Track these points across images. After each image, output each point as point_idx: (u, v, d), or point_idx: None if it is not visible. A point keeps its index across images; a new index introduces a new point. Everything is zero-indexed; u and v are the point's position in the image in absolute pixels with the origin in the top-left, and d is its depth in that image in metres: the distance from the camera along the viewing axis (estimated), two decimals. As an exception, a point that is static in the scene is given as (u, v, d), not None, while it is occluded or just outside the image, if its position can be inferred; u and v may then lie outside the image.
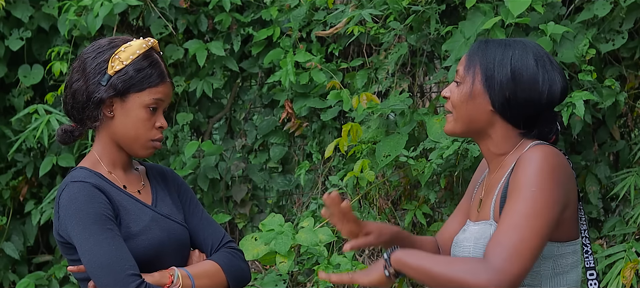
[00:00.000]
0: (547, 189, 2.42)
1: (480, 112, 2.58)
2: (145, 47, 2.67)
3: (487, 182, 2.65)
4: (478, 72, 2.57)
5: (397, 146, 4.24)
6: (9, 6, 5.27)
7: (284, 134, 5.23)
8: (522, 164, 2.45)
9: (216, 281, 2.70)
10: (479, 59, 2.58)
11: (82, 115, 2.67)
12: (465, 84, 2.59)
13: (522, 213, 2.39)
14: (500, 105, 2.55)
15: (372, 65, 4.80)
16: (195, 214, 2.81)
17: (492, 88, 2.55)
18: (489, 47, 2.59)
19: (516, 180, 2.44)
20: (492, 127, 2.59)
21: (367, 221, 2.66)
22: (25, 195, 5.53)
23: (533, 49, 2.57)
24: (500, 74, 2.54)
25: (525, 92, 2.53)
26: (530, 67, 2.54)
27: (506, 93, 2.54)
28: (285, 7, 5.03)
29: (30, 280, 5.34)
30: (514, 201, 2.41)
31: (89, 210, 2.56)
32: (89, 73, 2.65)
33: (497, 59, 2.56)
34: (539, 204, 2.40)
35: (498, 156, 2.61)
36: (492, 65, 2.56)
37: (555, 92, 2.55)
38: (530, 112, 2.56)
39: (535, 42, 2.63)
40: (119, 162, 2.72)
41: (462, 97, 2.59)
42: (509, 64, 2.55)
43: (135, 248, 2.60)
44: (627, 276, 3.86)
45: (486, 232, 2.53)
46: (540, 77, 2.54)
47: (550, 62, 2.56)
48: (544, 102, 2.54)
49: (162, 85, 2.67)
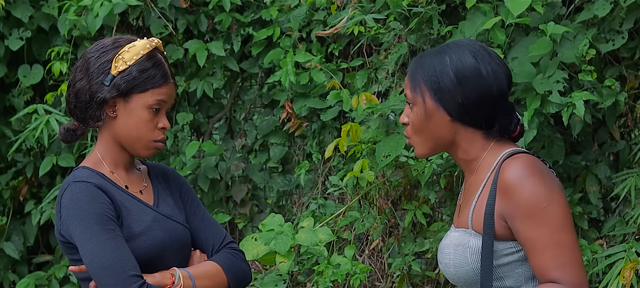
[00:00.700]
0: (554, 195, 2.46)
1: (441, 126, 2.58)
2: (149, 47, 2.66)
3: (465, 187, 2.67)
4: (425, 89, 2.57)
5: (397, 146, 4.24)
6: (9, 6, 5.27)
7: (284, 133, 5.23)
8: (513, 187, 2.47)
9: (217, 282, 2.70)
10: (421, 75, 2.58)
11: (85, 115, 2.67)
12: (417, 105, 2.59)
13: (553, 232, 2.44)
14: (457, 113, 2.55)
15: (372, 65, 4.80)
16: (196, 214, 2.80)
17: (443, 99, 2.55)
18: (425, 61, 2.58)
19: (519, 206, 2.46)
20: (457, 135, 2.59)
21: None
22: (25, 195, 5.53)
23: (468, 46, 2.57)
24: (446, 82, 2.54)
25: (474, 90, 2.53)
26: (471, 64, 2.53)
27: (458, 98, 2.53)
28: (285, 7, 5.03)
29: (30, 280, 5.34)
30: (535, 225, 2.44)
31: (90, 211, 2.55)
32: (92, 73, 2.64)
33: (437, 69, 2.55)
34: (558, 214, 2.45)
35: (470, 162, 2.62)
36: (435, 78, 2.55)
37: (501, 81, 2.55)
38: (486, 109, 2.55)
39: (469, 39, 2.63)
40: (121, 162, 2.72)
41: (419, 119, 2.59)
42: (450, 70, 2.54)
43: (137, 248, 2.60)
44: (627, 276, 3.86)
45: (464, 239, 2.55)
46: (483, 70, 2.53)
47: (488, 54, 2.56)
48: (494, 93, 2.54)
49: (166, 86, 2.67)
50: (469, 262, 2.53)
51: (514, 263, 2.53)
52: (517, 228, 2.47)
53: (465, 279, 2.56)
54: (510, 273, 2.53)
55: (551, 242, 2.43)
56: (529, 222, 2.44)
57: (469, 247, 2.54)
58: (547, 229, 2.43)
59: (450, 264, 2.58)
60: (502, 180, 2.48)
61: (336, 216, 4.63)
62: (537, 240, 2.44)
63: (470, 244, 2.54)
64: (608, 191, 4.38)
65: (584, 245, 4.11)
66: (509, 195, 2.47)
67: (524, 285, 2.54)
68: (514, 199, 2.46)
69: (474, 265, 2.53)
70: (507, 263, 2.53)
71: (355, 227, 4.58)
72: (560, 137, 4.23)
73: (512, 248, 2.52)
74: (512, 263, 2.53)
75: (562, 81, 3.92)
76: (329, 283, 4.29)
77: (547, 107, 3.92)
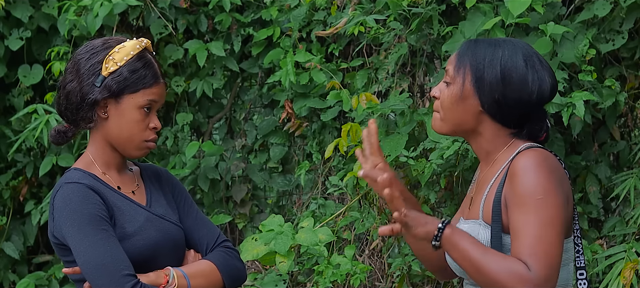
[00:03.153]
0: (552, 192, 2.44)
1: (470, 113, 2.58)
2: (139, 48, 2.67)
3: (478, 179, 2.67)
4: (468, 72, 2.57)
5: (397, 146, 4.23)
6: (8, 6, 5.26)
7: (284, 134, 5.23)
8: (518, 174, 2.46)
9: (212, 280, 2.70)
10: (469, 59, 2.58)
11: (76, 116, 2.67)
12: (455, 85, 2.59)
13: (538, 224, 2.41)
14: (490, 107, 2.55)
15: (372, 65, 4.79)
16: (189, 214, 2.81)
17: (481, 89, 2.55)
18: (478, 47, 2.58)
19: (516, 192, 2.45)
20: (482, 125, 2.60)
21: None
22: (25, 195, 5.53)
23: (522, 48, 2.57)
24: (490, 75, 2.54)
25: (515, 93, 2.53)
26: (520, 68, 2.53)
27: (495, 95, 2.54)
28: (285, 7, 5.02)
29: (30, 280, 5.34)
30: (525, 213, 2.43)
31: (83, 211, 2.55)
32: (82, 74, 2.64)
33: (487, 59, 2.55)
34: (550, 210, 2.42)
35: (489, 153, 2.62)
36: (482, 66, 2.55)
37: (544, 91, 2.55)
38: (520, 112, 2.56)
39: (525, 42, 2.64)
40: (113, 163, 2.72)
41: (452, 99, 2.59)
42: (498, 65, 2.54)
43: (131, 248, 2.60)
44: (627, 276, 3.86)
45: (474, 231, 2.55)
46: (530, 77, 2.53)
47: (539, 61, 2.56)
48: (533, 101, 2.54)
49: (156, 86, 2.67)
50: None
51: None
52: (510, 214, 2.47)
53: None
54: None
55: (534, 233, 2.40)
56: (521, 208, 2.43)
57: (479, 238, 2.53)
58: (533, 219, 2.41)
59: None
60: (512, 167, 2.49)
61: (336, 216, 4.63)
62: (522, 228, 2.42)
63: (480, 235, 2.54)
64: (608, 191, 4.38)
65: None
66: (512, 181, 2.47)
67: None
68: (515, 184, 2.46)
69: None
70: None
71: (355, 227, 4.57)
72: (560, 137, 4.23)
73: None
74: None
75: (562, 81, 3.91)
76: (329, 284, 4.29)
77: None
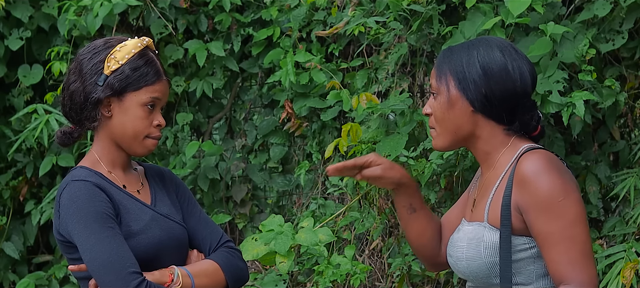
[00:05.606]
0: (570, 191, 2.49)
1: (463, 116, 2.61)
2: (140, 46, 2.69)
3: (480, 182, 2.69)
4: (450, 78, 2.62)
5: (397, 146, 4.24)
6: (8, 6, 5.26)
7: (284, 133, 5.23)
8: (530, 180, 2.50)
9: (215, 280, 2.72)
10: (448, 66, 2.63)
11: (81, 116, 2.69)
12: (441, 94, 2.64)
13: (567, 226, 2.47)
14: (480, 104, 2.59)
15: (372, 65, 4.80)
16: (193, 214, 2.82)
17: (467, 89, 2.59)
18: (454, 53, 2.64)
19: (536, 199, 2.49)
20: (477, 127, 2.63)
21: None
22: (25, 195, 5.53)
23: (496, 42, 2.63)
24: (472, 74, 2.59)
25: (499, 83, 2.57)
26: (498, 59, 2.58)
27: (482, 90, 2.58)
28: (285, 7, 5.02)
29: (30, 280, 5.33)
30: (553, 219, 2.47)
31: (89, 209, 2.57)
32: (85, 74, 2.66)
33: (464, 61, 2.61)
34: (574, 208, 2.48)
35: (489, 155, 2.64)
36: (461, 68, 2.60)
37: (526, 79, 2.60)
38: (509, 104, 2.59)
39: (498, 37, 2.69)
40: (118, 162, 2.73)
41: (442, 108, 2.63)
42: (477, 63, 2.59)
43: (136, 247, 2.61)
44: (627, 276, 3.86)
45: (479, 233, 2.57)
46: (510, 65, 2.58)
47: (515, 51, 2.62)
48: (518, 90, 2.58)
49: (159, 83, 2.69)
50: (483, 255, 2.55)
51: (527, 260, 2.55)
52: (532, 221, 2.50)
53: (477, 273, 2.57)
54: (523, 269, 2.55)
55: (565, 236, 2.46)
56: (545, 215, 2.47)
57: (484, 241, 2.56)
58: (561, 223, 2.46)
59: (462, 257, 2.59)
60: (519, 172, 2.51)
61: (336, 216, 4.63)
62: (551, 234, 2.47)
63: (485, 238, 2.56)
64: (608, 191, 4.38)
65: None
66: (525, 187, 2.50)
67: (535, 282, 2.56)
68: (531, 192, 2.49)
69: (487, 259, 2.55)
70: (520, 259, 2.55)
71: (355, 227, 4.58)
72: (560, 137, 4.23)
73: (526, 244, 2.54)
74: (526, 260, 2.55)
75: (562, 81, 3.92)
76: (329, 284, 4.29)
77: (547, 107, 3.92)
